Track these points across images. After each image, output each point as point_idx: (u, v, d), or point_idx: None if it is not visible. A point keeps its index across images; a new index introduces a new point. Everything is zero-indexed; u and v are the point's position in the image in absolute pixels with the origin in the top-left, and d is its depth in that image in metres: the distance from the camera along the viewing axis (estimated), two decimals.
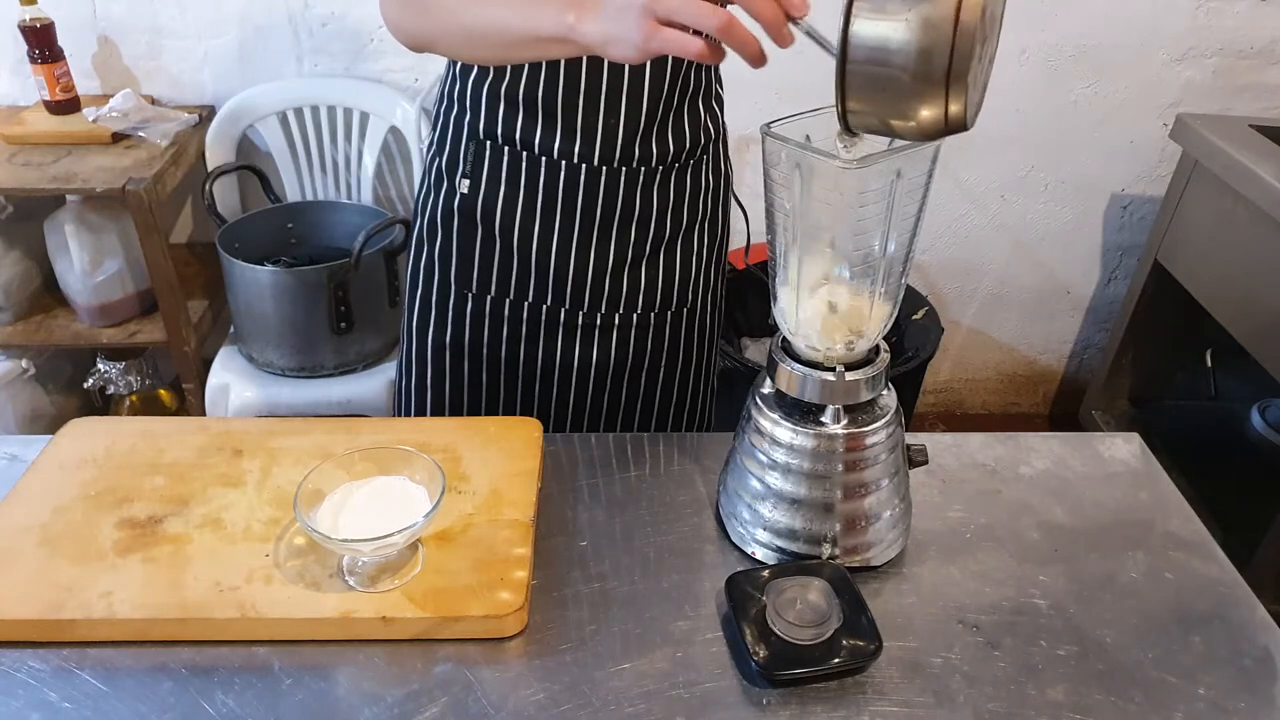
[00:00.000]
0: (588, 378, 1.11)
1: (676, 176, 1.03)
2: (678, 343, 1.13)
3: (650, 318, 1.09)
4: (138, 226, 1.73)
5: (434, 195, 1.07)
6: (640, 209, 1.02)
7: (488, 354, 1.10)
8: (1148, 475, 0.98)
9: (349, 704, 0.71)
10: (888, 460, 0.82)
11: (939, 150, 0.73)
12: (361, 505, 0.79)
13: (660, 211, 1.04)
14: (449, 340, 1.10)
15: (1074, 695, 0.73)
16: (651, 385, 1.14)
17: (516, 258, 1.05)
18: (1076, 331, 2.48)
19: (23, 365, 1.99)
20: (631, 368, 1.12)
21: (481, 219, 1.04)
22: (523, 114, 0.97)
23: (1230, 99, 2.14)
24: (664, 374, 1.14)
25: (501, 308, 1.08)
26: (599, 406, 1.14)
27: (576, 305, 1.06)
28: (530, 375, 1.11)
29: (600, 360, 1.10)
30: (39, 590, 0.75)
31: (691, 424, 1.22)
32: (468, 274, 1.07)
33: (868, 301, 0.78)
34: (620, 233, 1.03)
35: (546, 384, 1.11)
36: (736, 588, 0.78)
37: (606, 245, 1.03)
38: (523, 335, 1.09)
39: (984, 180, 2.23)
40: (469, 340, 1.10)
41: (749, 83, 2.03)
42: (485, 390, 1.13)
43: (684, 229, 1.07)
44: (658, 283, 1.08)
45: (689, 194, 1.05)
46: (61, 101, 1.88)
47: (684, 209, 1.06)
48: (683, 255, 1.08)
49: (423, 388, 1.15)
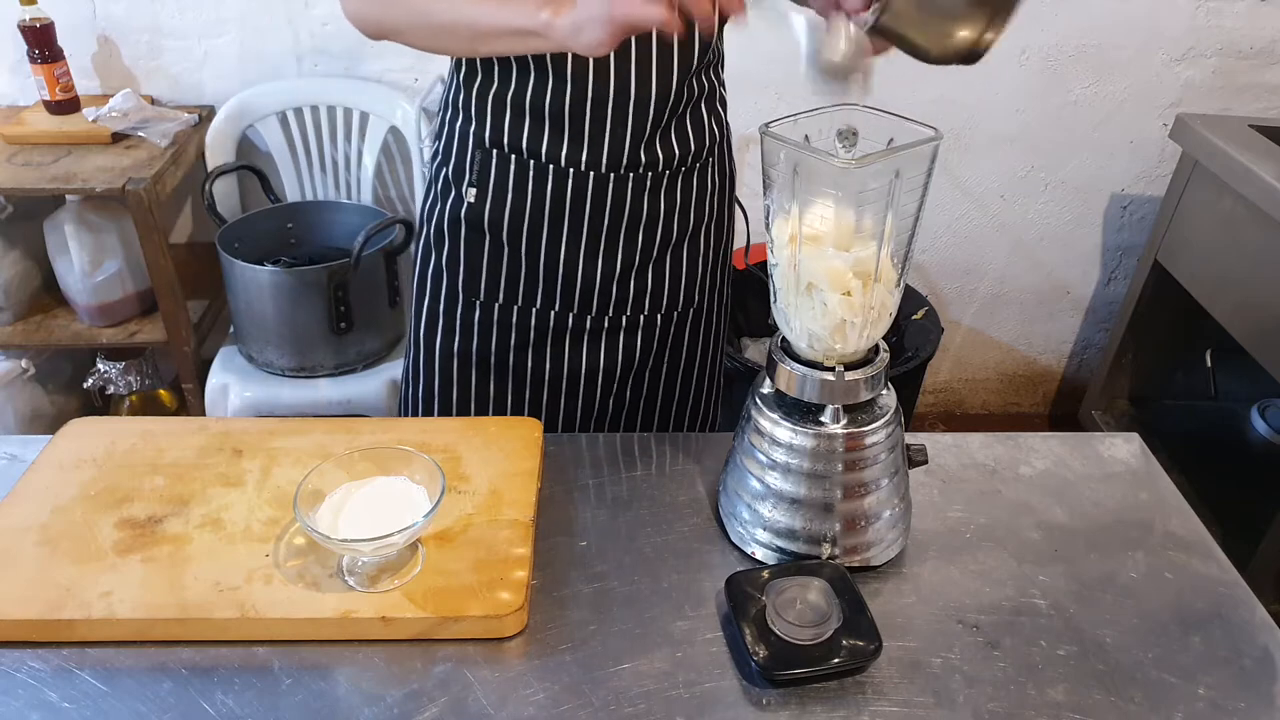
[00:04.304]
0: (595, 381, 1.11)
1: (683, 180, 1.03)
2: (683, 343, 1.13)
3: (658, 319, 1.09)
4: (137, 226, 1.73)
5: (440, 204, 1.07)
6: (648, 213, 1.02)
7: (495, 361, 1.10)
8: (1147, 475, 0.98)
9: (349, 704, 0.71)
10: (887, 460, 0.82)
11: (938, 150, 0.73)
12: (361, 505, 0.79)
13: (668, 215, 1.04)
14: (457, 349, 1.10)
15: (1074, 695, 0.73)
16: (658, 386, 1.15)
17: (525, 265, 1.05)
18: (1076, 331, 2.48)
19: (23, 365, 1.99)
20: (639, 369, 1.12)
21: (489, 227, 1.04)
22: (529, 122, 0.97)
23: (1230, 99, 2.14)
24: (669, 374, 1.15)
25: (510, 314, 1.07)
26: (606, 409, 1.14)
27: (585, 309, 1.07)
28: (539, 381, 1.11)
29: (609, 363, 1.10)
30: (39, 590, 0.75)
31: (697, 424, 1.22)
32: (476, 282, 1.07)
33: (867, 301, 0.78)
34: (628, 237, 1.03)
35: (555, 389, 1.11)
36: (736, 588, 0.78)
37: (615, 250, 1.03)
38: (531, 341, 1.09)
39: (984, 180, 2.23)
40: (477, 348, 1.10)
41: (749, 83, 2.05)
42: (493, 398, 1.13)
43: (691, 231, 1.07)
44: (665, 285, 1.08)
45: (695, 197, 1.05)
46: (61, 101, 1.88)
47: (691, 212, 1.06)
48: (689, 257, 1.08)
49: (430, 397, 1.14)
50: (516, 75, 0.95)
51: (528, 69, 0.94)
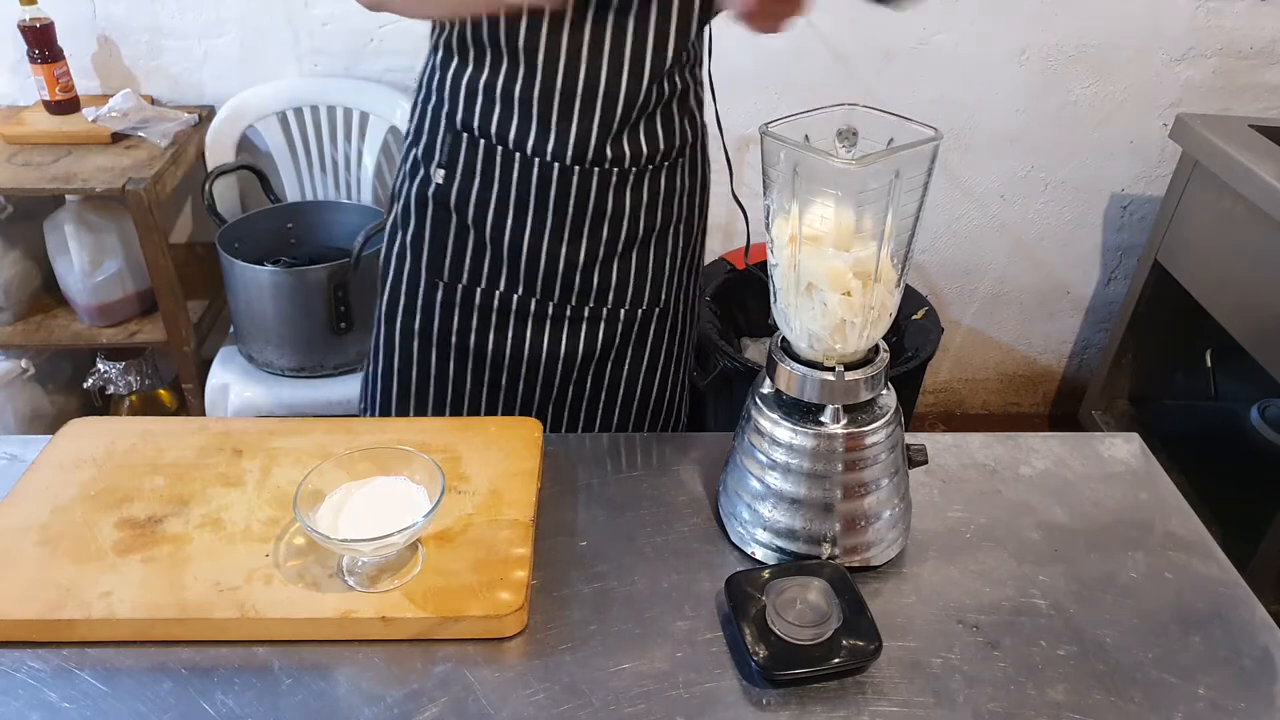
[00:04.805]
0: (554, 369, 1.11)
1: (650, 179, 1.04)
2: (646, 342, 1.13)
3: (620, 314, 1.10)
4: (137, 226, 1.73)
5: (409, 183, 1.08)
6: (613, 209, 1.03)
7: (457, 342, 1.11)
8: (1148, 475, 0.98)
9: (349, 704, 0.71)
10: (887, 460, 0.82)
11: (938, 149, 0.73)
12: (361, 505, 0.79)
13: (634, 212, 1.05)
14: (418, 328, 1.12)
15: (1074, 695, 0.73)
16: (619, 383, 1.15)
17: (489, 248, 1.06)
18: (1076, 331, 2.48)
19: (23, 365, 1.99)
20: (599, 363, 1.12)
21: (455, 208, 1.05)
22: (499, 108, 0.98)
23: (1230, 99, 2.14)
24: (631, 372, 1.14)
25: (472, 296, 1.09)
26: (564, 399, 1.14)
27: (547, 296, 1.07)
28: (498, 364, 1.12)
29: (568, 352, 1.10)
30: (39, 590, 0.75)
31: (657, 424, 1.22)
32: (439, 262, 1.08)
33: (867, 301, 0.78)
34: (592, 230, 1.04)
35: (514, 373, 1.12)
36: (736, 588, 0.78)
37: (578, 241, 1.04)
38: (492, 324, 1.10)
39: (984, 180, 2.23)
40: (438, 328, 1.11)
41: (749, 83, 2.05)
42: (452, 379, 1.14)
43: (658, 230, 1.08)
44: (629, 281, 1.08)
45: (664, 196, 1.06)
46: (61, 101, 1.88)
47: (658, 211, 1.06)
48: (656, 256, 1.09)
49: (389, 374, 1.15)
50: (490, 61, 0.97)
51: (500, 56, 0.96)
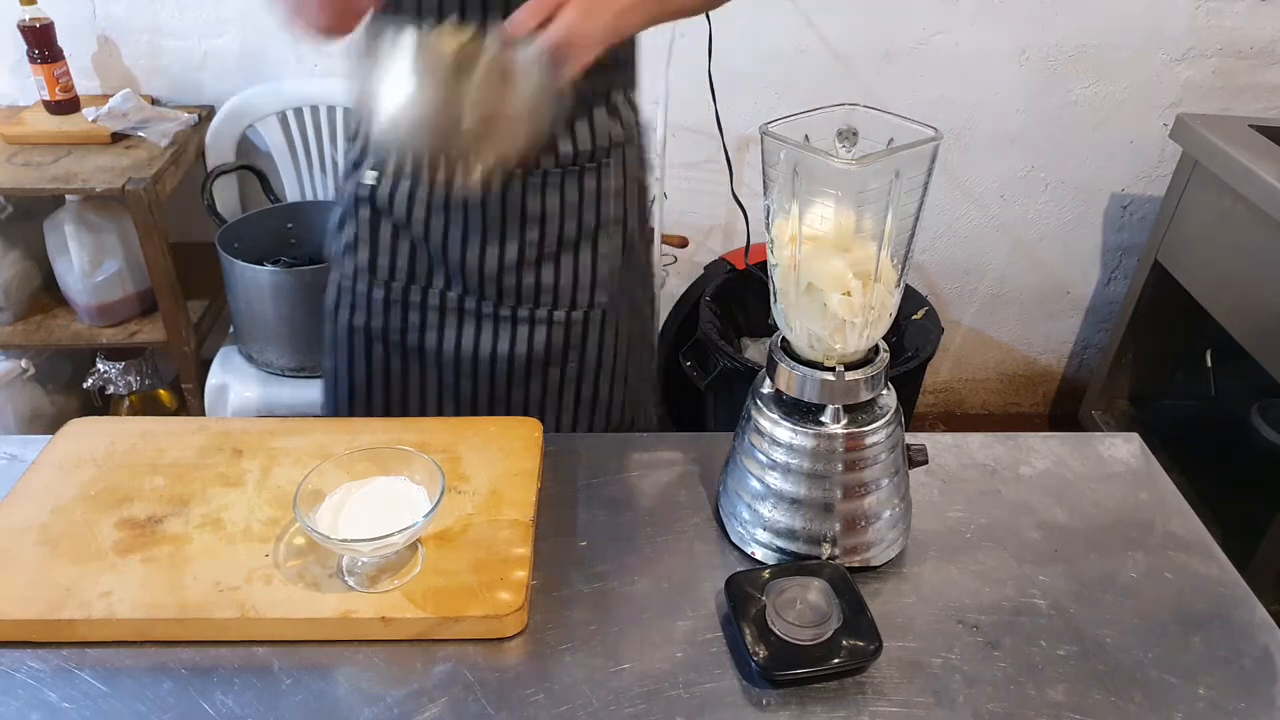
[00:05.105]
0: (502, 369, 1.12)
1: (577, 180, 1.04)
2: (590, 344, 1.13)
3: (558, 316, 1.09)
4: (137, 226, 1.73)
5: (347, 183, 1.10)
6: (543, 210, 1.04)
7: (401, 340, 1.12)
8: (1147, 475, 0.98)
9: (349, 704, 0.71)
10: (887, 460, 0.82)
11: (938, 149, 0.73)
12: (361, 505, 0.79)
13: (564, 213, 1.05)
14: (363, 324, 1.13)
15: (1074, 695, 0.73)
16: (568, 384, 1.14)
17: (425, 249, 1.07)
18: (1076, 331, 2.48)
19: (22, 365, 1.99)
20: (543, 363, 1.12)
21: (387, 210, 1.06)
22: None
23: (1230, 99, 2.14)
24: (579, 374, 1.14)
25: (410, 294, 1.10)
26: (513, 398, 1.14)
27: (484, 297, 1.08)
28: (446, 363, 1.12)
29: (514, 352, 1.11)
30: (39, 590, 0.75)
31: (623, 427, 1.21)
32: (375, 261, 1.09)
33: (867, 301, 0.78)
34: (522, 232, 1.05)
35: (460, 371, 1.12)
36: (736, 588, 0.78)
37: (508, 243, 1.05)
38: (435, 322, 1.10)
39: (984, 180, 2.23)
40: (382, 326, 1.12)
41: (749, 83, 2.05)
42: (401, 375, 1.14)
43: (589, 231, 1.08)
44: (562, 283, 1.08)
45: (593, 198, 1.06)
46: (61, 101, 1.88)
47: (587, 212, 1.07)
48: (591, 258, 1.09)
49: (342, 369, 1.16)
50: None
51: None
